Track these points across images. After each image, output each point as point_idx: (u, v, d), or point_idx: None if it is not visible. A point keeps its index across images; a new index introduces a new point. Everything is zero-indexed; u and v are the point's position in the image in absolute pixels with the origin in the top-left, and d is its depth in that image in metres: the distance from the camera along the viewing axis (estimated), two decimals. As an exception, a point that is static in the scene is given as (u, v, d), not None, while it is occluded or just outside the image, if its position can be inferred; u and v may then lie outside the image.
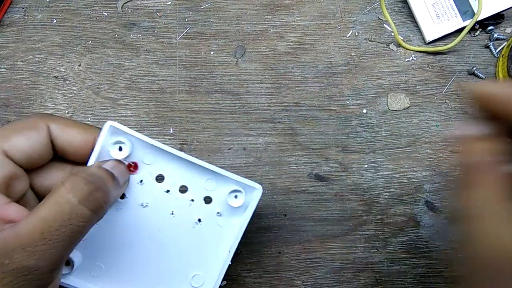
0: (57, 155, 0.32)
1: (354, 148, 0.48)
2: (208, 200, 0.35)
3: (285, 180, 0.47)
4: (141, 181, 0.33)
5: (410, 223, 0.47)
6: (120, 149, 0.32)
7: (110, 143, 0.32)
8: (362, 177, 0.48)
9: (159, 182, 0.34)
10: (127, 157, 0.33)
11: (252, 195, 0.34)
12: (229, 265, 0.35)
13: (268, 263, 0.46)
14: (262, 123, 0.48)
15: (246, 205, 0.34)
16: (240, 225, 0.35)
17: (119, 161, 0.32)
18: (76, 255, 0.33)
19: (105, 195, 0.28)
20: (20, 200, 0.30)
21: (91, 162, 0.32)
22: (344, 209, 0.47)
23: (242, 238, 0.35)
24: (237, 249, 0.35)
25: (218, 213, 0.35)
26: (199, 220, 0.35)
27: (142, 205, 0.34)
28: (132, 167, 0.33)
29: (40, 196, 0.32)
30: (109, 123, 0.31)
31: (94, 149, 0.31)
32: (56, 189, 0.26)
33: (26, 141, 0.29)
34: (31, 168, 0.30)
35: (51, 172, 0.32)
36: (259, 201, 0.34)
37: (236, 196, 0.34)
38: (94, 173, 0.28)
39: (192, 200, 0.34)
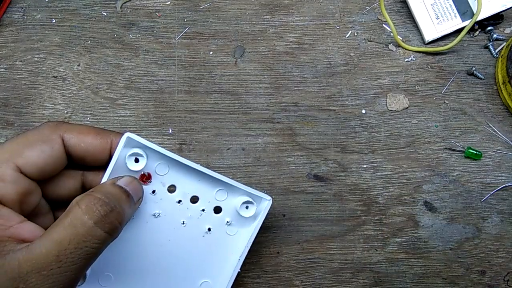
0: (71, 161, 0.32)
1: (353, 148, 0.48)
2: (218, 209, 0.35)
3: (284, 180, 0.47)
4: (154, 191, 0.34)
5: (409, 223, 0.47)
6: (137, 160, 0.32)
7: (127, 155, 0.32)
8: (361, 178, 0.48)
9: (171, 193, 0.34)
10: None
11: (262, 205, 0.35)
12: (238, 273, 0.35)
13: (267, 263, 0.46)
14: (261, 123, 0.48)
15: (256, 215, 0.35)
16: (249, 234, 0.35)
17: (134, 178, 0.31)
18: None
19: (120, 215, 0.28)
20: (33, 210, 0.30)
21: (106, 176, 0.31)
22: (343, 210, 0.47)
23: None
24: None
25: (227, 222, 0.35)
26: (209, 229, 0.35)
27: (154, 215, 0.34)
28: (146, 178, 0.33)
29: (52, 203, 0.32)
30: (126, 135, 0.31)
31: (111, 162, 0.31)
32: (71, 210, 0.26)
33: (39, 155, 0.28)
34: (44, 179, 0.30)
35: (63, 180, 0.32)
36: (268, 211, 0.35)
37: (247, 207, 0.35)
38: (109, 192, 0.28)
39: (203, 210, 0.35)
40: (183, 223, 0.34)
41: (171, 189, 0.34)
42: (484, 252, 0.46)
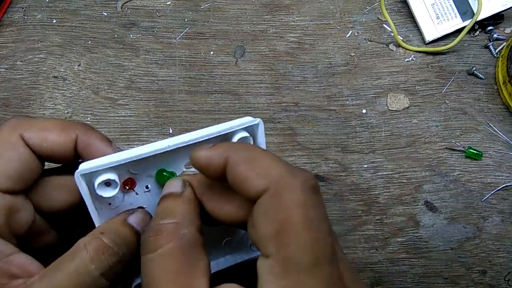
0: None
1: (353, 148, 0.48)
2: None
3: (284, 180, 0.47)
4: (136, 193, 0.30)
5: (410, 223, 0.47)
6: (108, 184, 0.27)
7: (95, 186, 0.27)
8: (361, 177, 0.48)
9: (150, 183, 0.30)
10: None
11: (254, 132, 0.29)
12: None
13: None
14: (261, 123, 0.48)
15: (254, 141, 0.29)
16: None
17: (146, 213, 0.28)
18: None
19: (126, 263, 0.25)
20: (29, 228, 0.27)
21: (96, 220, 0.27)
22: (344, 209, 0.47)
23: None
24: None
25: None
26: None
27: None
28: (130, 186, 0.29)
29: (45, 215, 0.29)
30: (77, 173, 0.26)
31: (88, 206, 0.27)
32: (76, 254, 0.24)
33: (7, 164, 0.25)
34: (27, 187, 0.27)
35: (49, 191, 0.28)
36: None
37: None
38: (119, 234, 0.25)
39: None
40: None
41: (151, 179, 0.30)
42: (485, 251, 0.46)
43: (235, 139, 0.28)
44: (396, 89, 0.50)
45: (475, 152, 0.47)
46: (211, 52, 0.50)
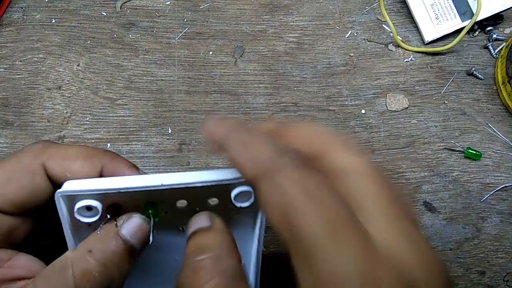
0: None
1: (352, 148, 0.48)
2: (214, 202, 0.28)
3: (283, 181, 0.47)
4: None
5: (409, 223, 0.47)
6: (89, 208, 0.24)
7: (75, 210, 0.24)
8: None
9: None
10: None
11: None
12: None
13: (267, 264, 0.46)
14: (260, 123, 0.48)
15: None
16: (257, 214, 0.29)
17: (143, 220, 0.25)
18: None
19: (119, 282, 0.24)
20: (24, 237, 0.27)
21: (69, 243, 0.25)
22: (343, 210, 0.47)
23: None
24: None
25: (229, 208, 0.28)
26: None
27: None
28: (113, 213, 0.25)
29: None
30: (57, 193, 0.24)
31: (64, 228, 0.25)
32: (63, 272, 0.22)
33: (17, 192, 0.25)
34: (31, 210, 0.27)
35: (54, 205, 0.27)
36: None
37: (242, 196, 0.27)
38: (110, 252, 0.23)
39: (198, 209, 0.28)
40: (182, 229, 0.29)
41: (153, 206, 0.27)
42: (484, 252, 0.46)
43: (234, 192, 0.26)
44: (395, 89, 0.50)
45: (474, 152, 0.47)
46: (210, 52, 0.50)
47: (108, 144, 0.46)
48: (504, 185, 0.47)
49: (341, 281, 0.16)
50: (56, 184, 0.26)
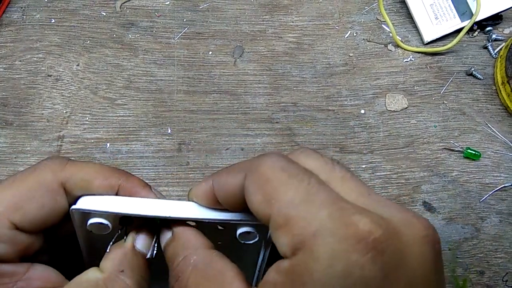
0: None
1: (352, 148, 0.48)
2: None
3: (283, 180, 0.47)
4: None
5: (408, 223, 0.47)
6: (102, 224, 0.26)
7: (87, 224, 0.26)
8: (359, 178, 0.47)
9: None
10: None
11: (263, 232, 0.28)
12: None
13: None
14: (260, 123, 0.48)
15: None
16: (260, 248, 0.29)
17: (151, 236, 0.27)
18: None
19: None
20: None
21: (85, 257, 0.27)
22: (342, 210, 0.47)
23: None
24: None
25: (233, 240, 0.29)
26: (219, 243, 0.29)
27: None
28: (125, 224, 0.27)
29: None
30: (72, 208, 0.25)
31: (80, 242, 0.27)
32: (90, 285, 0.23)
33: (38, 211, 0.25)
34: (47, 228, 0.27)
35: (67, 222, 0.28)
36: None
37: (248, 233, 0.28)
38: (138, 267, 0.25)
39: (205, 232, 0.28)
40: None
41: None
42: (483, 252, 0.46)
43: (239, 231, 0.27)
44: (395, 89, 0.50)
45: (474, 152, 0.47)
46: (210, 52, 0.50)
47: (108, 144, 0.46)
48: (503, 185, 0.47)
49: (317, 233, 0.17)
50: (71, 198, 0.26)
